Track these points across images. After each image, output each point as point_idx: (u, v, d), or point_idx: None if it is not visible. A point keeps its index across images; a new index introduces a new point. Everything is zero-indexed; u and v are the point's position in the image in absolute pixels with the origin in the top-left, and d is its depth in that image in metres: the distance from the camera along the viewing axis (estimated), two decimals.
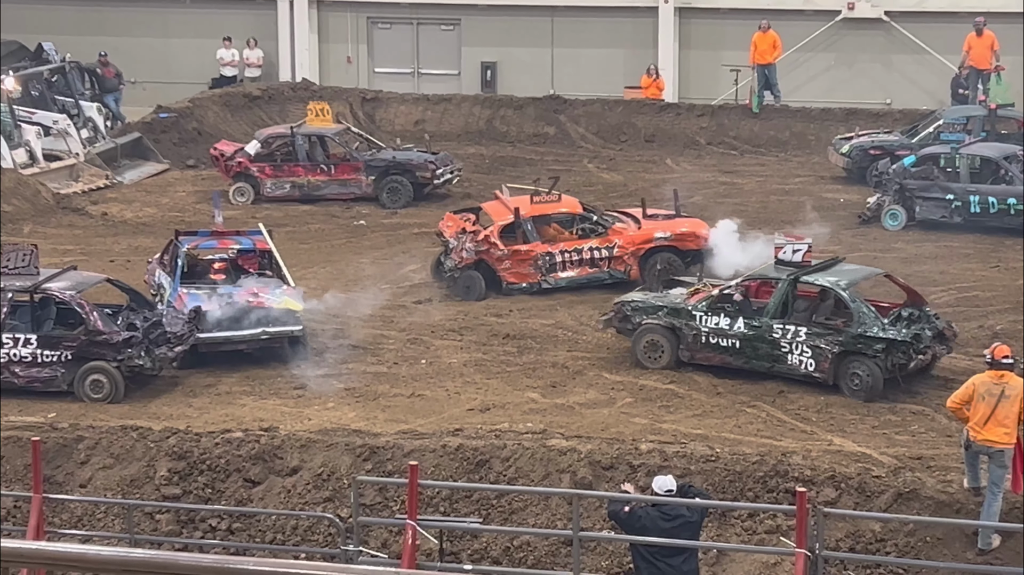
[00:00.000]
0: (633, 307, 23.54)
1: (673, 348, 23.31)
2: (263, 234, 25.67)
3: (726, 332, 23.02)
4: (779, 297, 22.94)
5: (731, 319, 22.99)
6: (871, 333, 22.09)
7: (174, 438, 19.76)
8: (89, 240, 31.58)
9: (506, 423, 20.82)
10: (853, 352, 22.14)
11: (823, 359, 22.30)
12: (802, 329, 22.56)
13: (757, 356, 22.85)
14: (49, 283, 23.18)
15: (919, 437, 20.57)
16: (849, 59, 42.93)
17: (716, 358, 23.16)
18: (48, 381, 22.56)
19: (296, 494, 19.16)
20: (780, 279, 23.06)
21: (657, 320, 23.37)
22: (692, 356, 23.28)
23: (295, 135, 34.94)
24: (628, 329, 23.65)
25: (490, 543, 18.47)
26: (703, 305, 23.27)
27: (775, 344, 22.70)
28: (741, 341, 22.91)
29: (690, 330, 23.21)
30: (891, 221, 31.34)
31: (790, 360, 22.60)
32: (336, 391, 22.72)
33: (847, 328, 22.29)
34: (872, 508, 17.91)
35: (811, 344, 22.42)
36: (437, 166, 34.47)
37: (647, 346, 23.44)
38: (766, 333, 22.76)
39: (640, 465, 18.77)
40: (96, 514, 19.22)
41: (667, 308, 23.42)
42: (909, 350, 22.01)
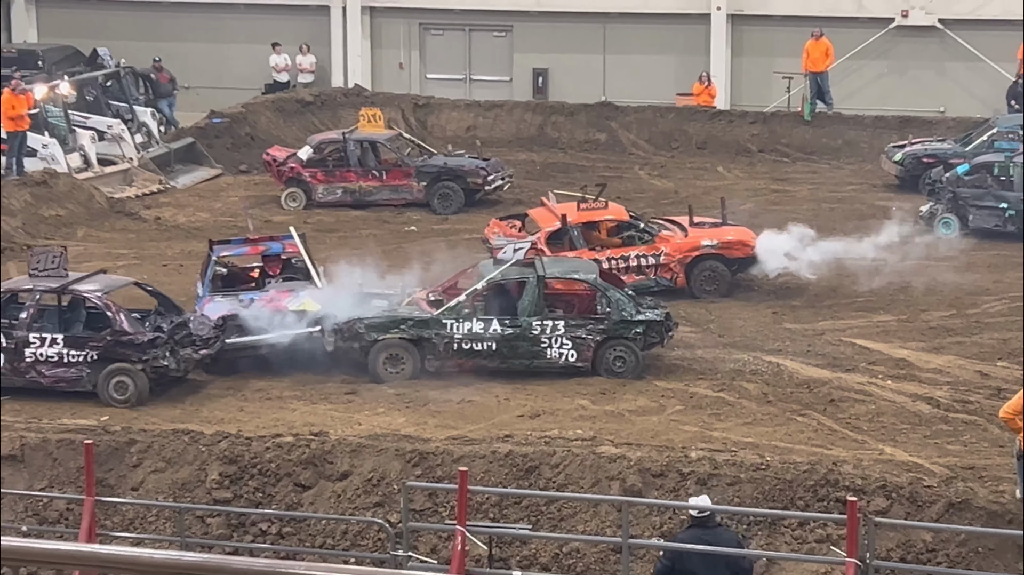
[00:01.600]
0: (367, 324, 23.44)
1: (415, 359, 23.41)
2: (294, 238, 25.74)
3: (482, 336, 23.34)
4: (531, 295, 23.50)
5: (485, 323, 23.34)
6: (630, 317, 23.22)
7: (225, 442, 19.83)
8: (142, 244, 31.75)
9: (556, 430, 20.81)
10: (614, 337, 23.24)
11: (585, 348, 23.30)
12: (560, 323, 23.31)
13: (516, 355, 23.42)
14: (77, 285, 23.38)
15: (971, 447, 20.46)
16: (902, 67, 42.76)
17: (469, 363, 23.43)
18: (73, 381, 22.74)
19: (346, 499, 19.20)
20: (528, 279, 23.66)
21: (399, 334, 23.41)
22: (442, 365, 23.46)
23: (347, 141, 35.03)
24: (359, 347, 23.52)
25: (539, 549, 18.46)
26: (452, 313, 23.42)
27: (535, 341, 23.31)
28: (499, 342, 23.35)
29: (441, 339, 23.37)
30: (944, 229, 31.19)
31: (549, 354, 23.37)
32: (386, 396, 22.77)
33: (608, 315, 23.37)
34: (923, 518, 17.82)
35: (572, 335, 23.29)
36: (488, 172, 34.52)
37: (387, 360, 23.43)
38: (526, 331, 23.33)
39: (690, 473, 18.73)
40: (147, 517, 19.31)
41: (411, 320, 23.50)
42: (662, 329, 23.38)
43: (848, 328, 25.69)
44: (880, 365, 23.64)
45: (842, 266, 28.02)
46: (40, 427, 20.74)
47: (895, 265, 29.12)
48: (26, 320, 22.97)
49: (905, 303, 26.92)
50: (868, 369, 23.55)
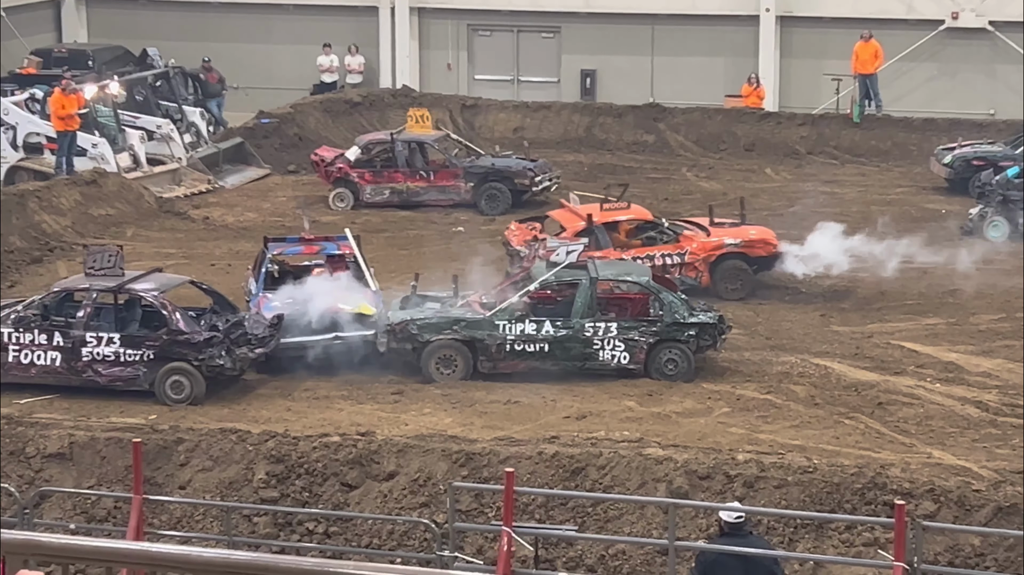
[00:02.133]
0: (420, 325, 23.42)
1: (468, 361, 23.38)
2: (349, 239, 25.79)
3: (534, 337, 23.29)
4: (584, 297, 23.46)
5: (537, 324, 23.30)
6: (682, 319, 23.21)
7: (272, 442, 19.89)
8: (191, 244, 31.88)
9: (602, 431, 20.80)
10: (666, 340, 23.21)
11: (638, 350, 23.26)
12: (613, 324, 23.29)
13: (568, 356, 23.39)
14: (133, 284, 23.48)
15: (1020, 451, 20.34)
16: (952, 69, 42.55)
17: (522, 364, 23.42)
18: (130, 380, 22.83)
19: (392, 499, 19.22)
20: (581, 280, 23.59)
21: (452, 335, 23.37)
22: (495, 366, 23.43)
23: (395, 141, 35.09)
24: (412, 348, 23.51)
25: (585, 551, 18.44)
26: (505, 314, 23.35)
27: (588, 342, 23.28)
28: (551, 344, 23.31)
29: (493, 340, 23.32)
30: (993, 232, 31.02)
31: (602, 356, 23.33)
32: (433, 397, 22.79)
33: (660, 318, 23.32)
34: (971, 522, 17.73)
35: (624, 337, 23.24)
36: (536, 173, 34.52)
37: (439, 362, 23.39)
38: (579, 333, 23.30)
39: (737, 475, 18.68)
40: (195, 516, 19.38)
41: (464, 322, 23.47)
42: (715, 331, 23.34)
43: (896, 331, 25.58)
44: (928, 368, 23.53)
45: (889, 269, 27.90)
46: (88, 425, 20.84)
47: (944, 268, 28.99)
48: (83, 319, 23.08)
49: (954, 306, 26.78)
50: (916, 372, 23.44)
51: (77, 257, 27.61)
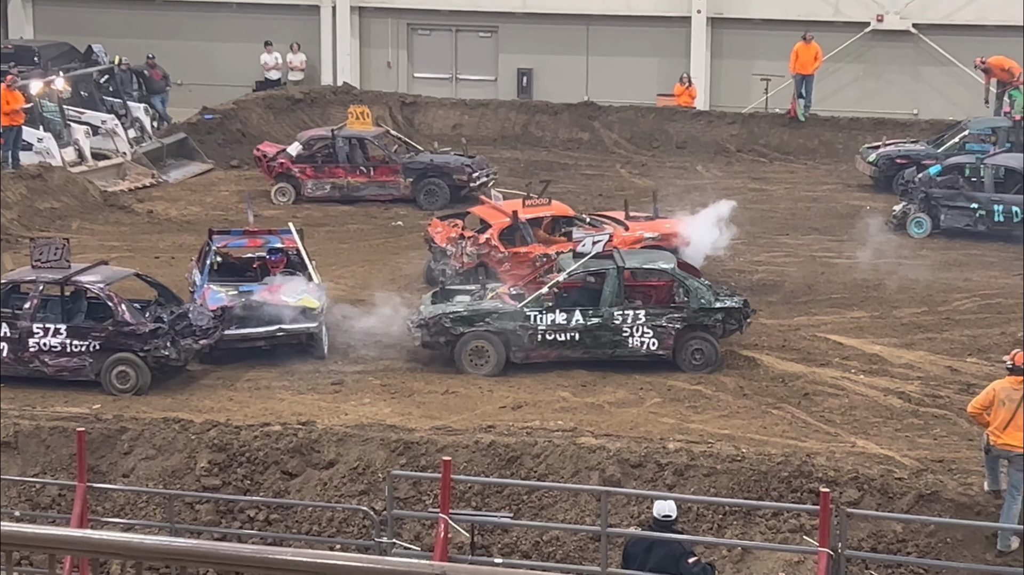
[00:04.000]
0: (453, 319, 23.40)
1: (500, 352, 23.35)
2: (292, 233, 25.73)
3: (565, 327, 23.28)
4: (612, 286, 23.43)
5: (568, 314, 23.29)
6: (709, 304, 23.26)
7: (214, 431, 19.82)
8: (135, 237, 31.70)
9: (537, 421, 20.83)
10: (694, 326, 23.20)
11: (666, 336, 23.23)
12: (641, 312, 23.29)
13: (599, 345, 23.37)
14: (79, 276, 23.36)
15: (941, 440, 20.51)
16: (878, 70, 42.81)
17: (553, 354, 23.41)
18: (76, 371, 22.72)
19: (332, 487, 19.20)
20: (609, 269, 23.53)
21: (486, 327, 23.35)
22: (527, 356, 23.42)
23: (336, 137, 35.01)
24: (444, 342, 23.48)
25: (520, 538, 18.48)
26: (535, 305, 23.37)
27: (617, 330, 23.24)
28: (581, 333, 23.29)
29: (525, 331, 23.31)
30: (916, 229, 31.24)
31: (631, 343, 23.30)
32: (372, 387, 22.76)
33: (687, 304, 23.36)
34: (894, 509, 17.87)
35: (652, 324, 23.22)
36: (473, 169, 34.51)
37: (472, 353, 23.38)
38: (608, 321, 23.26)
39: (667, 464, 18.76)
40: (138, 503, 19.30)
41: (496, 314, 23.44)
42: (740, 315, 23.41)
43: (822, 324, 25.73)
44: (853, 360, 23.68)
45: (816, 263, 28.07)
46: (33, 415, 20.70)
47: (869, 263, 29.19)
48: (30, 311, 22.95)
49: (878, 300, 26.96)
50: (841, 364, 23.59)
51: (23, 250, 27.40)
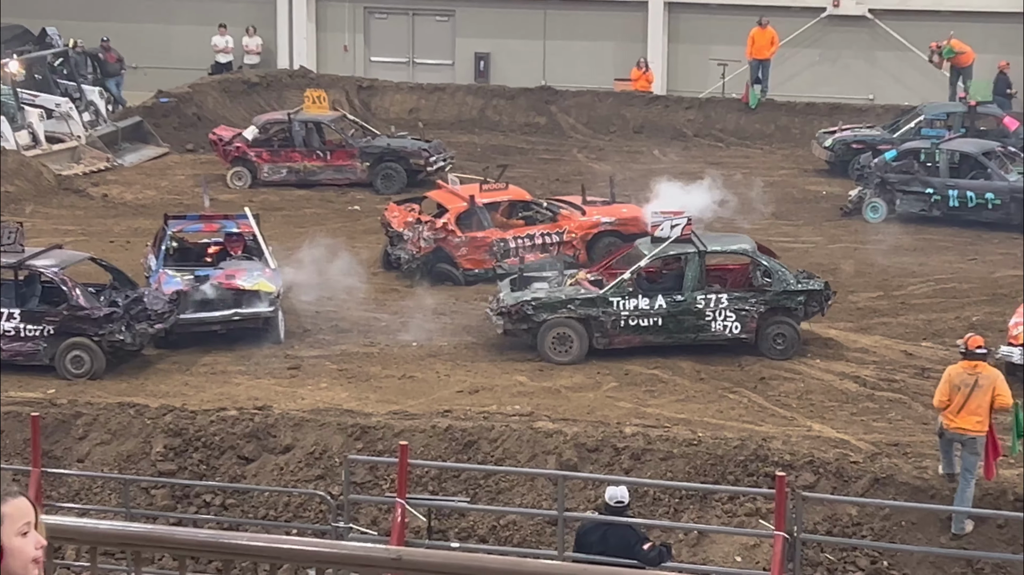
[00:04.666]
0: (535, 305, 23.31)
1: (583, 338, 23.27)
2: (248, 217, 25.66)
3: (647, 312, 23.21)
4: (694, 270, 23.35)
5: (650, 299, 23.20)
6: (791, 287, 23.10)
7: (170, 415, 19.76)
8: (89, 221, 31.54)
9: (494, 405, 20.85)
10: (776, 309, 23.07)
11: (749, 320, 23.08)
12: (724, 296, 23.17)
13: (682, 329, 23.26)
14: (33, 260, 23.23)
15: (896, 424, 20.62)
16: (833, 55, 42.92)
17: (636, 339, 23.30)
18: (30, 355, 22.58)
19: (288, 472, 19.17)
20: (690, 253, 23.39)
21: (569, 313, 23.27)
22: (610, 342, 23.34)
23: (292, 121, 34.91)
24: (526, 329, 23.39)
25: (477, 522, 18.49)
26: (617, 290, 23.32)
27: (700, 314, 23.15)
28: (664, 318, 23.20)
29: (608, 317, 23.22)
30: (872, 214, 31.37)
31: (714, 327, 23.18)
32: (329, 371, 22.73)
33: (769, 286, 23.18)
34: (849, 493, 17.96)
35: (735, 308, 23.09)
36: (430, 154, 34.46)
37: (556, 340, 23.30)
38: (691, 305, 23.18)
39: (624, 448, 18.80)
40: (93, 488, 19.23)
41: (578, 300, 23.34)
42: (821, 298, 23.26)
43: None
44: (809, 344, 23.76)
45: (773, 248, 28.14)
46: None
47: (824, 248, 29.29)
48: None
49: (834, 285, 26.98)
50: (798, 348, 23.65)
51: None
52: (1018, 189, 30.40)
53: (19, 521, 5.41)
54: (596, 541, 15.25)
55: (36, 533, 5.46)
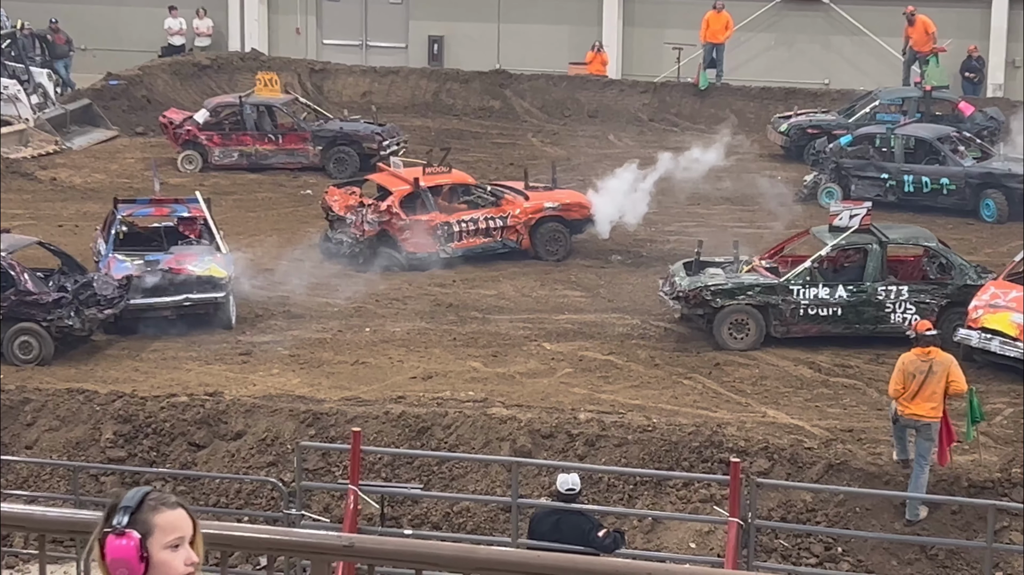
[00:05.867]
0: (714, 291, 23.23)
1: (760, 325, 23.20)
2: (199, 202, 25.57)
3: (827, 301, 23.18)
4: (876, 261, 23.34)
5: (831, 288, 23.19)
6: (973, 282, 23.06)
7: (120, 401, 19.69)
8: (38, 205, 31.37)
9: (448, 391, 20.85)
10: (957, 303, 22.92)
11: (929, 313, 22.70)
12: (904, 288, 23.14)
13: (861, 320, 23.22)
14: None
15: (850, 410, 20.73)
16: (789, 39, 43.04)
17: (814, 328, 23.26)
18: None
19: (240, 458, 19.14)
20: (871, 244, 23.40)
21: (747, 300, 23.21)
22: (788, 330, 23.26)
23: (243, 105, 34.79)
24: (703, 314, 23.37)
25: (430, 509, 18.51)
26: (798, 278, 23.29)
27: (880, 306, 23.13)
28: (844, 308, 23.16)
29: (787, 305, 23.16)
30: (827, 199, 31.46)
31: (893, 319, 23.11)
32: (281, 357, 22.68)
33: (950, 280, 23.19)
34: (804, 479, 18.05)
35: (915, 300, 23.07)
36: (383, 138, 34.40)
37: (732, 326, 23.21)
38: (872, 296, 23.16)
39: (578, 434, 18.84)
40: (41, 475, 19.14)
41: (758, 287, 23.31)
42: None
43: None
44: None
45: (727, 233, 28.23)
46: None
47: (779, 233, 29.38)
48: None
49: None
50: None
51: None
52: (973, 174, 30.62)
53: (171, 534, 5.25)
54: (549, 528, 15.28)
55: (189, 549, 5.27)
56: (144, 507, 5.27)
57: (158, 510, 5.28)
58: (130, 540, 5.19)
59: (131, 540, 5.19)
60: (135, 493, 5.31)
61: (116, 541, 5.21)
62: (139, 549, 5.19)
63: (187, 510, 5.32)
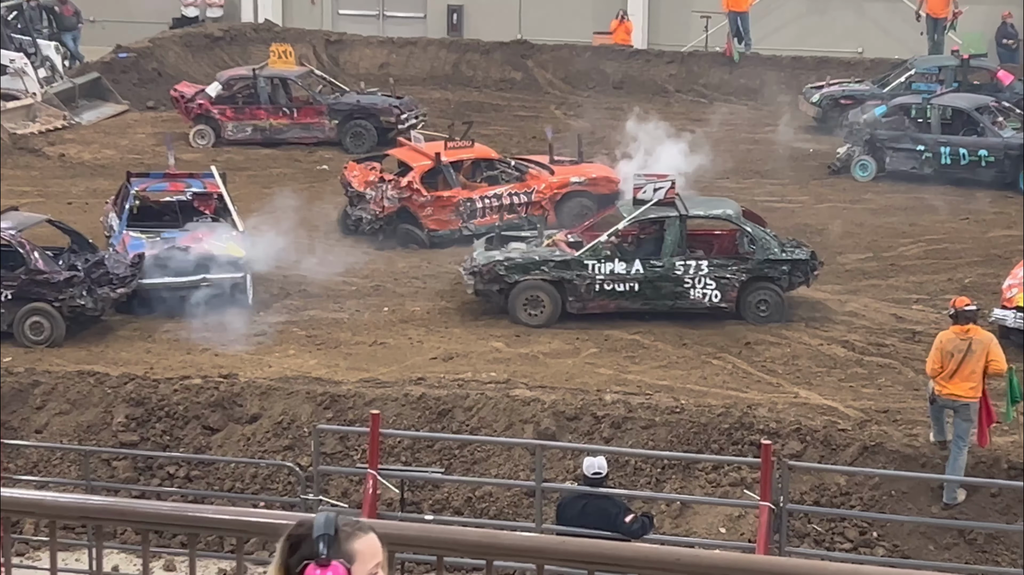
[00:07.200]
0: (507, 266, 23.30)
1: (556, 301, 23.28)
2: (215, 177, 25.57)
3: (624, 276, 23.21)
4: (674, 235, 23.30)
5: (627, 263, 23.19)
6: (775, 256, 23.04)
7: (132, 384, 19.73)
8: (46, 182, 31.42)
9: (469, 372, 20.85)
10: (758, 278, 23.02)
11: (730, 288, 23.05)
12: (704, 263, 23.14)
13: (659, 296, 23.25)
14: None
15: (885, 390, 20.69)
16: (821, 6, 42.89)
17: (611, 304, 23.31)
18: None
19: (256, 442, 19.17)
20: (670, 217, 23.34)
21: (541, 275, 23.28)
22: (584, 306, 23.34)
23: (257, 77, 34.78)
24: (498, 290, 23.41)
25: (452, 493, 18.52)
26: (593, 253, 23.32)
27: (678, 281, 23.14)
28: (641, 283, 23.20)
29: (583, 280, 23.22)
30: (861, 172, 31.40)
31: (693, 295, 23.17)
32: (297, 338, 22.70)
33: (753, 255, 23.13)
34: (837, 461, 18.02)
35: (716, 276, 23.08)
36: (401, 111, 34.38)
37: (527, 302, 23.31)
38: (669, 271, 23.17)
39: (604, 416, 18.84)
40: (52, 460, 19.20)
41: (552, 262, 23.34)
42: (807, 267, 23.16)
43: None
44: (796, 308, 23.81)
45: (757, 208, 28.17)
46: None
47: (812, 207, 29.33)
48: None
49: (821, 246, 27.06)
50: None
51: None
52: (1012, 146, 30.46)
53: (371, 561, 5.10)
54: (576, 514, 15.29)
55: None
56: (340, 534, 5.09)
57: (356, 536, 5.12)
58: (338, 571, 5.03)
59: (339, 570, 5.03)
60: (325, 519, 5.10)
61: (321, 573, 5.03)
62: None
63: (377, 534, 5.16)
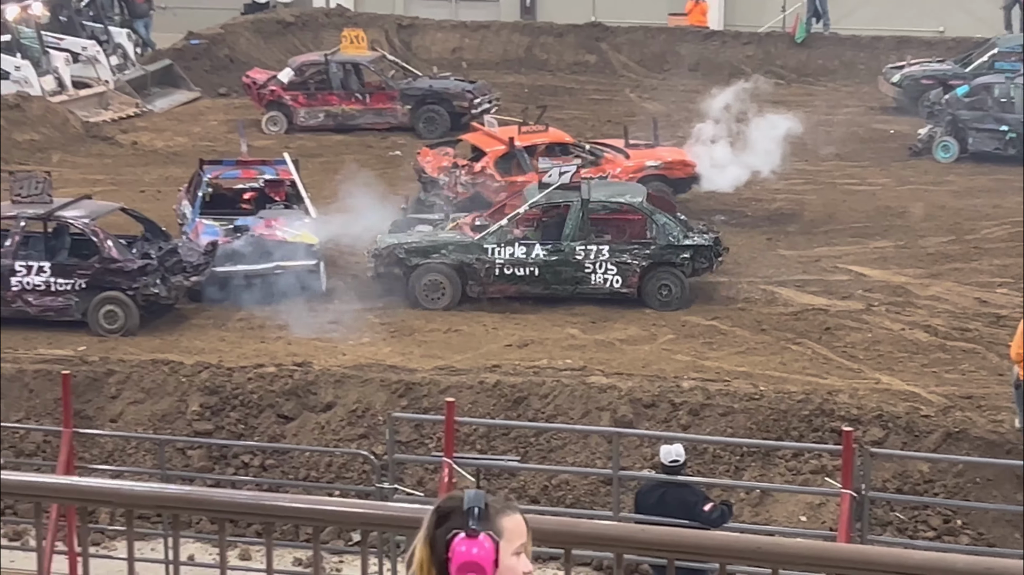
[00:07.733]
0: (407, 250, 23.35)
1: (456, 285, 23.33)
2: (287, 163, 25.68)
3: (524, 261, 23.26)
4: (575, 219, 23.31)
5: (527, 247, 23.22)
6: (676, 242, 23.14)
7: (206, 372, 19.85)
8: (119, 170, 31.66)
9: (545, 359, 20.86)
10: (660, 263, 23.10)
11: (631, 274, 23.15)
12: (605, 248, 23.18)
13: (559, 280, 23.32)
14: (62, 211, 23.28)
15: (969, 375, 20.54)
16: None
17: (512, 289, 23.38)
18: (62, 310, 22.67)
19: (330, 430, 19.24)
20: (572, 202, 23.38)
21: (441, 259, 23.31)
22: (484, 291, 23.40)
23: (329, 63, 34.91)
24: (400, 273, 23.47)
25: (528, 482, 18.53)
26: (494, 237, 23.30)
27: (579, 266, 23.20)
28: (541, 267, 23.25)
29: (482, 264, 23.26)
30: (943, 153, 31.17)
31: (594, 280, 23.23)
32: (371, 326, 22.78)
33: (654, 240, 23.19)
34: (920, 448, 17.90)
35: (616, 261, 23.15)
36: (475, 95, 34.42)
37: (427, 286, 23.36)
38: (570, 256, 23.21)
39: (682, 403, 18.79)
40: (127, 449, 19.34)
41: (453, 245, 23.38)
42: (710, 254, 23.30)
43: (844, 254, 25.73)
44: (877, 292, 23.69)
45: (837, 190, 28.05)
46: (16, 357, 20.73)
47: (892, 190, 29.15)
48: (11, 248, 22.84)
49: (902, 229, 26.95)
50: (864, 296, 23.60)
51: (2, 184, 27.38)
52: None
53: (516, 540, 5.17)
54: (654, 502, 15.26)
55: (526, 557, 5.22)
56: (490, 510, 5.17)
57: (504, 513, 5.20)
58: (486, 543, 5.11)
59: (487, 543, 5.11)
60: (476, 495, 5.19)
61: (469, 544, 5.12)
62: (495, 553, 5.12)
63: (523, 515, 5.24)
